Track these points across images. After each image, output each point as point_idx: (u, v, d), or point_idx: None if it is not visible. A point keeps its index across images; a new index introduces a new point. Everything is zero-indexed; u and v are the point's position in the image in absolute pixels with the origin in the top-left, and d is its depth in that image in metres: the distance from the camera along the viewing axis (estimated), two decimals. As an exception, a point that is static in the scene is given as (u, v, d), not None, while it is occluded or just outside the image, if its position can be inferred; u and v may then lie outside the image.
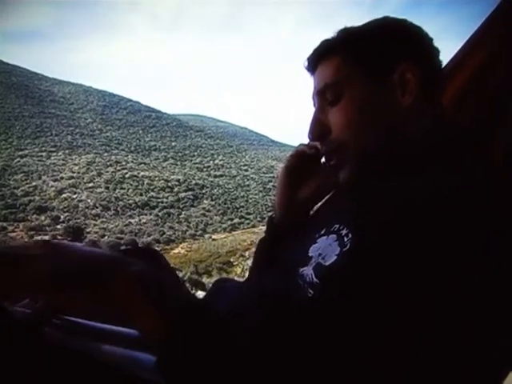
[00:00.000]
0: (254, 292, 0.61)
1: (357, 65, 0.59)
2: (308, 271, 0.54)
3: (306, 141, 0.67)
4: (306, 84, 0.65)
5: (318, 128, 0.62)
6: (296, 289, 0.54)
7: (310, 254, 0.56)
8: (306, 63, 0.64)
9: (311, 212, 0.72)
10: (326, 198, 0.70)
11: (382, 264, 0.44)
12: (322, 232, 0.57)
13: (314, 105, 0.64)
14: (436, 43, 0.63)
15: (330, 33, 0.63)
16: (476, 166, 0.53)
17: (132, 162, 60.92)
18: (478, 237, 0.44)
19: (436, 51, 0.62)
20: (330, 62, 0.61)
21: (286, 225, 0.71)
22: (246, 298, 0.59)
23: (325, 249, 0.54)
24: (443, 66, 0.64)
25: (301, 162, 0.69)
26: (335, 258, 0.52)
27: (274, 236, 0.72)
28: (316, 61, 0.63)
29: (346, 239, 0.52)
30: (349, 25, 0.63)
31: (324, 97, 0.61)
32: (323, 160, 0.66)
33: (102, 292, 0.38)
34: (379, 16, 0.65)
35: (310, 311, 0.47)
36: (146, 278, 0.40)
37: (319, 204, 0.71)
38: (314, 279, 0.53)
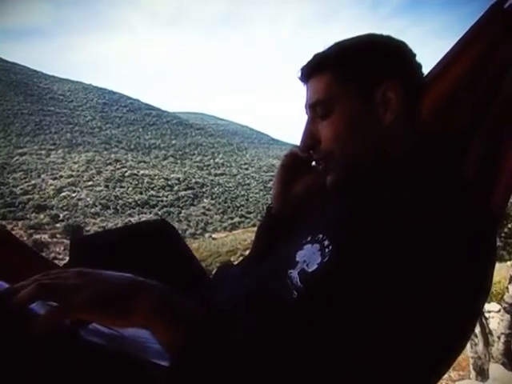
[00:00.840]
0: (252, 288, 0.65)
1: (346, 83, 0.63)
2: (294, 274, 0.59)
3: None
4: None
5: (309, 139, 0.67)
6: (285, 288, 0.59)
7: (297, 259, 0.60)
8: (300, 74, 0.68)
9: (304, 209, 0.77)
10: (316, 197, 0.75)
11: (360, 275, 0.47)
12: (308, 239, 0.61)
13: (307, 113, 0.69)
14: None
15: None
16: (455, 175, 0.56)
17: (132, 160, 60.68)
18: (461, 242, 0.47)
19: (418, 67, 0.66)
20: (321, 78, 0.65)
21: (281, 216, 0.77)
22: (245, 294, 0.64)
23: (309, 256, 0.59)
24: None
25: (294, 162, 0.74)
26: (316, 266, 0.56)
27: (271, 223, 0.79)
28: (308, 74, 0.67)
29: (326, 250, 0.57)
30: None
31: (315, 110, 0.66)
32: (314, 163, 0.72)
33: (125, 317, 0.43)
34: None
35: (295, 312, 0.51)
36: (166, 299, 0.45)
37: (311, 203, 0.77)
38: (299, 283, 0.57)
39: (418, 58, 0.65)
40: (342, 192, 0.65)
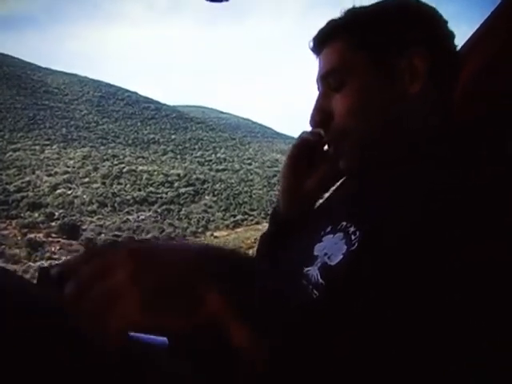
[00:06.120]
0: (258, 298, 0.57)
1: (361, 50, 0.57)
2: (313, 271, 0.52)
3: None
4: (312, 73, 0.63)
5: (320, 114, 0.60)
6: (300, 290, 0.52)
7: (316, 253, 0.53)
8: (311, 44, 0.62)
9: (316, 205, 0.70)
10: (330, 191, 0.69)
11: (394, 264, 0.42)
12: (328, 230, 0.55)
13: (318, 89, 0.62)
14: (452, 27, 0.60)
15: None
16: (486, 159, 0.49)
17: (130, 155, 58.61)
18: (492, 232, 0.42)
19: (450, 35, 0.60)
20: (334, 46, 0.59)
21: (290, 217, 0.68)
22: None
23: (331, 248, 0.52)
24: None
25: (304, 152, 0.67)
26: (341, 257, 0.49)
27: (278, 228, 0.70)
28: (320, 43, 0.61)
29: (353, 237, 0.50)
30: (357, 5, 0.62)
31: (327, 82, 0.60)
32: (326, 147, 0.64)
33: (195, 309, 0.35)
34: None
35: (315, 313, 0.45)
36: (238, 292, 0.38)
37: (323, 199, 0.70)
38: (320, 280, 0.51)
39: None
40: (359, 176, 0.59)
